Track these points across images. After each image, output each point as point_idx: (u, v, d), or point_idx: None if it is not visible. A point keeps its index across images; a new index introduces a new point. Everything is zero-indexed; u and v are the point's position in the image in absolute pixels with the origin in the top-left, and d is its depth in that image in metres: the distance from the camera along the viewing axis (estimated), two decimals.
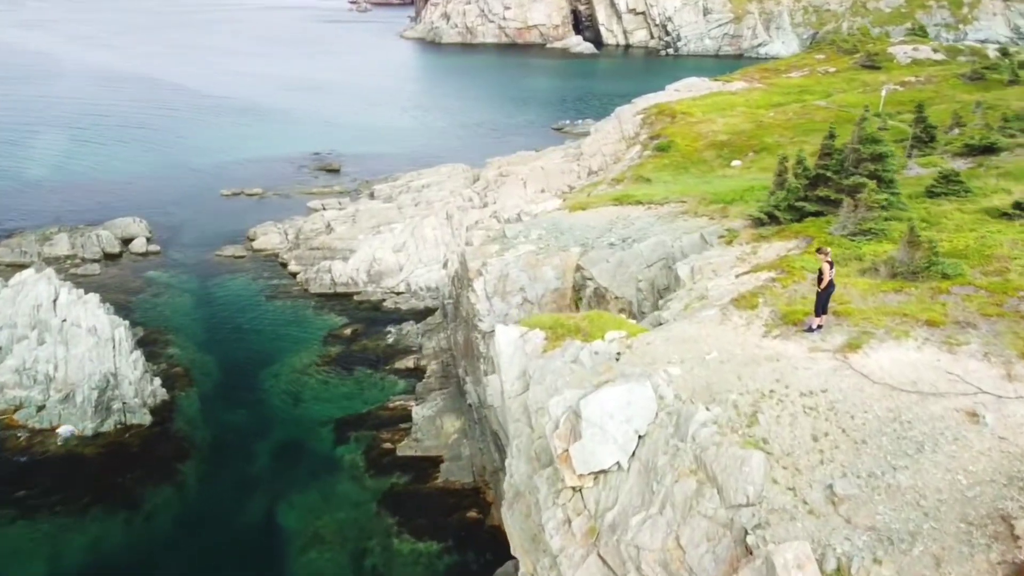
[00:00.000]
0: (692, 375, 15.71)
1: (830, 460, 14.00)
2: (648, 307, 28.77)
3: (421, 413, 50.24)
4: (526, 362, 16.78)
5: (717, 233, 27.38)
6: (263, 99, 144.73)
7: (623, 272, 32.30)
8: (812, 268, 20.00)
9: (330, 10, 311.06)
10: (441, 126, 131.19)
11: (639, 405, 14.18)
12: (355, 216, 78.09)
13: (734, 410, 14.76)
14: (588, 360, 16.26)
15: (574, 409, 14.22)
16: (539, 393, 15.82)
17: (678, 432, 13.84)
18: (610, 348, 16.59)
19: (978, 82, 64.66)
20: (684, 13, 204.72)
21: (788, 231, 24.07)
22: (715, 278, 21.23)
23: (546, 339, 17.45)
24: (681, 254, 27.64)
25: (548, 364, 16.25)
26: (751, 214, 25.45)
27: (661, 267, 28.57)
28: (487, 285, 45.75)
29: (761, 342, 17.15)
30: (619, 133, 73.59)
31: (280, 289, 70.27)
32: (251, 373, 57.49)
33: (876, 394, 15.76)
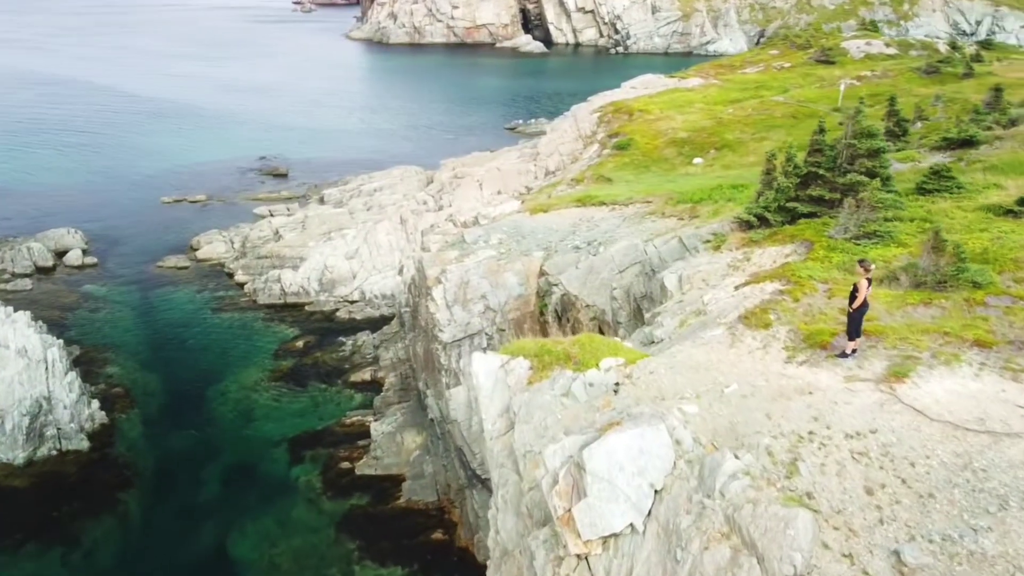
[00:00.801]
0: (711, 413, 13.63)
1: (891, 519, 11.87)
2: (624, 316, 27.02)
3: (380, 429, 47.80)
4: (509, 396, 14.69)
5: (698, 237, 25.75)
6: (205, 102, 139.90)
7: (594, 279, 30.49)
8: (820, 277, 18.37)
9: (273, 10, 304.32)
10: (391, 128, 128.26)
11: (653, 453, 12.08)
12: (304, 222, 75.06)
13: (768, 457, 12.57)
14: (582, 393, 14.24)
15: (576, 460, 12.08)
16: (527, 434, 13.74)
17: (703, 486, 11.80)
18: (607, 378, 14.59)
19: (933, 75, 64.78)
20: (633, 11, 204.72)
21: (781, 235, 22.44)
22: (708, 289, 19.46)
23: (531, 369, 15.33)
24: (659, 260, 25.96)
25: (535, 399, 14.18)
26: (739, 216, 23.84)
27: (636, 273, 26.85)
28: (447, 293, 43.59)
29: (786, 370, 15.12)
30: (576, 132, 71.99)
31: (227, 301, 66.96)
32: (197, 391, 54.34)
33: (937, 435, 13.57)
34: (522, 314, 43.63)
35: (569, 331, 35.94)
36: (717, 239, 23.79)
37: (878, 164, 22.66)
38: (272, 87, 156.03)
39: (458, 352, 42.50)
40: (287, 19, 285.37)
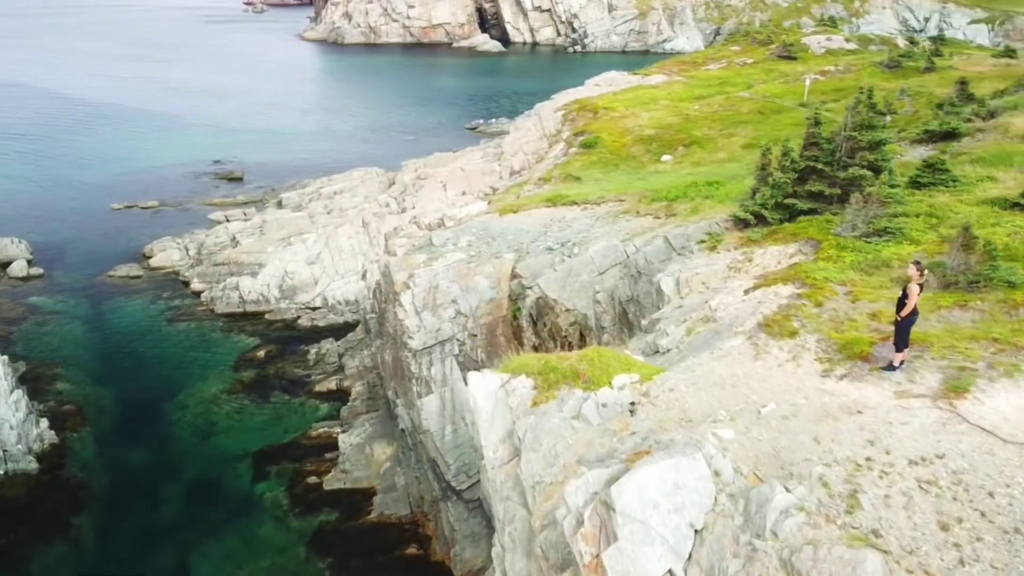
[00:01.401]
0: (750, 438, 12.22)
1: (974, 559, 10.38)
2: (608, 321, 25.84)
3: (348, 441, 46.06)
4: (512, 420, 13.30)
5: (685, 236, 24.65)
6: (154, 105, 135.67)
7: (573, 281, 29.27)
8: (837, 279, 17.30)
9: (223, 10, 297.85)
10: (349, 129, 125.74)
11: (691, 487, 10.73)
12: (263, 227, 72.66)
13: (824, 489, 11.13)
14: (594, 415, 12.91)
15: (604, 498, 10.72)
16: (535, 463, 12.35)
17: (751, 524, 10.48)
18: (621, 398, 13.28)
19: (895, 70, 65.04)
20: (589, 10, 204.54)
21: (782, 233, 21.40)
22: (711, 293, 18.29)
23: (535, 388, 13.93)
24: (644, 261, 24.81)
25: (542, 423, 12.82)
26: (736, 214, 22.75)
27: (619, 275, 25.64)
28: (415, 298, 42.00)
29: (825, 385, 13.80)
30: (540, 131, 70.82)
31: (183, 310, 64.40)
32: (154, 406, 51.99)
33: (1015, 459, 12.03)
34: (494, 319, 42.27)
35: (546, 336, 34.69)
36: (712, 239, 22.72)
37: (880, 157, 21.79)
38: (224, 89, 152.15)
39: (429, 360, 41.00)
40: (238, 19, 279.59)
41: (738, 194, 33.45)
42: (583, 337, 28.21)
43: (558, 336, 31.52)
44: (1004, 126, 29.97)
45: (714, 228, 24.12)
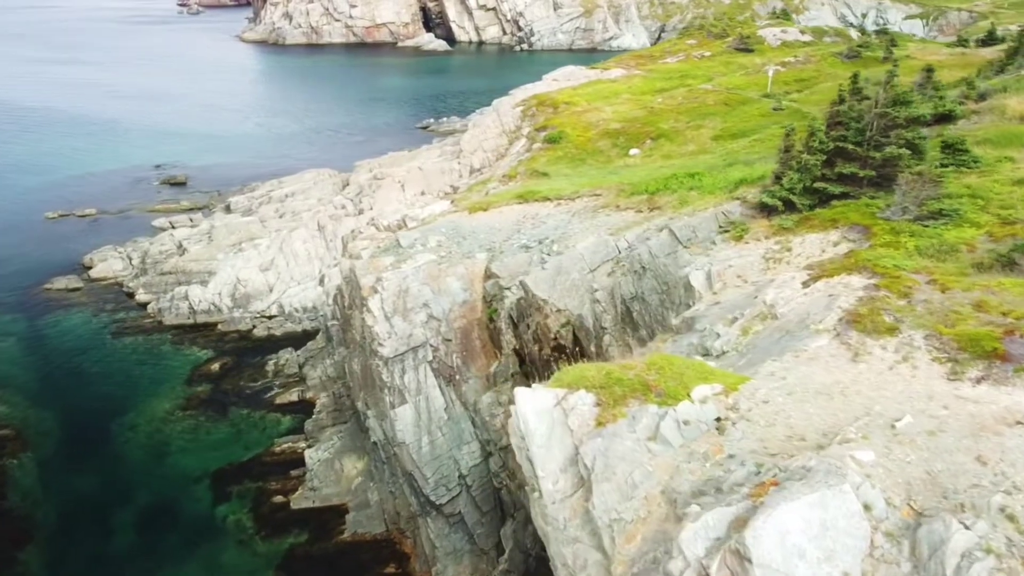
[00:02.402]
0: (895, 460, 10.26)
1: None
2: (609, 321, 24.11)
3: (316, 456, 43.51)
4: (574, 444, 11.38)
5: (690, 228, 23.04)
6: (88, 110, 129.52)
7: (564, 280, 27.47)
8: (909, 266, 15.81)
9: (157, 12, 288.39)
10: (294, 131, 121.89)
11: (841, 528, 8.78)
12: (211, 233, 69.22)
13: (1009, 523, 9.24)
14: (675, 435, 11.08)
15: (734, 547, 8.84)
16: (609, 496, 10.46)
17: (924, 571, 8.61)
18: (704, 413, 11.47)
19: (855, 60, 65.16)
20: (535, 8, 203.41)
21: (816, 220, 19.92)
22: (754, 287, 16.65)
23: (598, 405, 12.01)
24: (650, 256, 23.12)
25: (613, 446, 10.94)
26: (763, 200, 21.18)
27: (623, 272, 23.87)
28: (384, 303, 39.75)
29: (960, 391, 11.95)
30: (499, 127, 68.96)
31: (128, 323, 60.71)
32: (101, 427, 48.66)
33: None
34: (468, 322, 40.27)
35: (530, 338, 32.84)
36: (737, 228, 21.14)
37: (916, 135, 20.49)
38: (161, 92, 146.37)
39: (401, 367, 38.77)
40: (172, 21, 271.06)
41: (725, 184, 32.16)
42: (576, 338, 26.49)
43: (546, 338, 29.70)
44: (1000, 108, 29.32)
45: (723, 217, 22.55)
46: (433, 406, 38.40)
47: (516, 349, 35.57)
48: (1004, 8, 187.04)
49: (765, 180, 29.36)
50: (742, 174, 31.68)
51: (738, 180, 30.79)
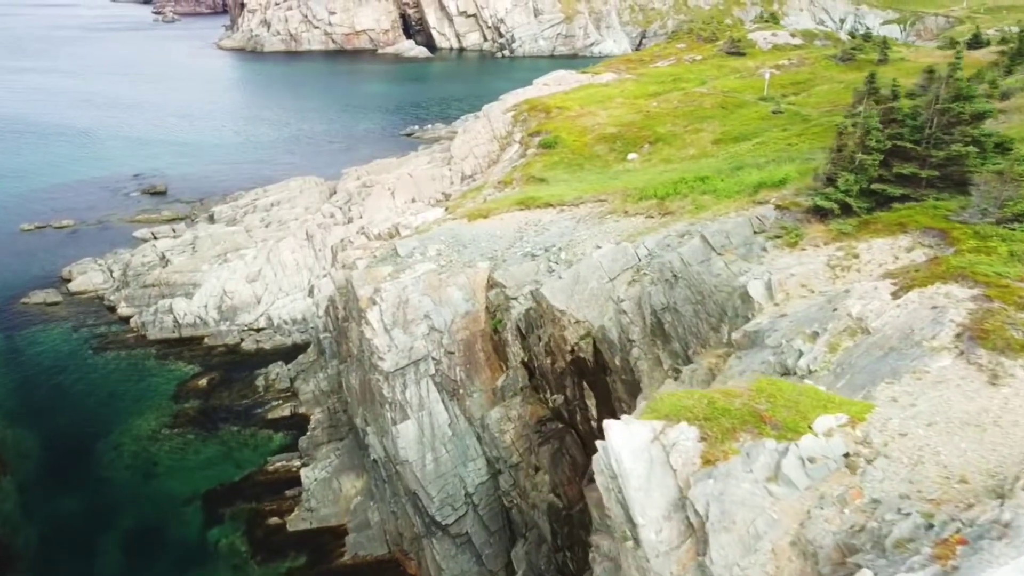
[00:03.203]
0: None
1: None
2: (638, 333, 22.78)
3: (312, 475, 41.79)
4: (678, 486, 10.04)
5: (724, 233, 21.75)
6: (65, 119, 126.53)
7: (582, 290, 26.15)
8: (1014, 274, 14.61)
9: (132, 20, 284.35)
10: (276, 139, 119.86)
11: None
12: (195, 243, 67.21)
13: None
14: (799, 475, 9.75)
15: None
16: (730, 550, 9.11)
17: None
18: (831, 447, 10.12)
19: (849, 62, 64.72)
20: (515, 14, 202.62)
21: (879, 224, 18.75)
22: (824, 297, 15.37)
23: (703, 439, 10.59)
24: (681, 263, 21.77)
25: (728, 489, 9.60)
26: (818, 203, 19.93)
27: (655, 281, 22.43)
28: (384, 315, 38.21)
29: None
30: (490, 133, 67.65)
31: (110, 338, 58.60)
32: (84, 447, 46.65)
33: None
34: (472, 333, 38.83)
35: (541, 351, 31.47)
36: (790, 234, 19.89)
37: (981, 132, 19.44)
38: (138, 100, 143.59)
39: (402, 382, 37.25)
40: (149, 29, 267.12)
41: (742, 188, 31.02)
42: (598, 351, 25.14)
43: (560, 350, 28.34)
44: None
45: (758, 223, 21.27)
46: (436, 422, 36.91)
47: (525, 361, 34.17)
48: (980, 13, 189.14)
49: (787, 183, 28.28)
50: (759, 177, 30.58)
51: (756, 183, 29.68)
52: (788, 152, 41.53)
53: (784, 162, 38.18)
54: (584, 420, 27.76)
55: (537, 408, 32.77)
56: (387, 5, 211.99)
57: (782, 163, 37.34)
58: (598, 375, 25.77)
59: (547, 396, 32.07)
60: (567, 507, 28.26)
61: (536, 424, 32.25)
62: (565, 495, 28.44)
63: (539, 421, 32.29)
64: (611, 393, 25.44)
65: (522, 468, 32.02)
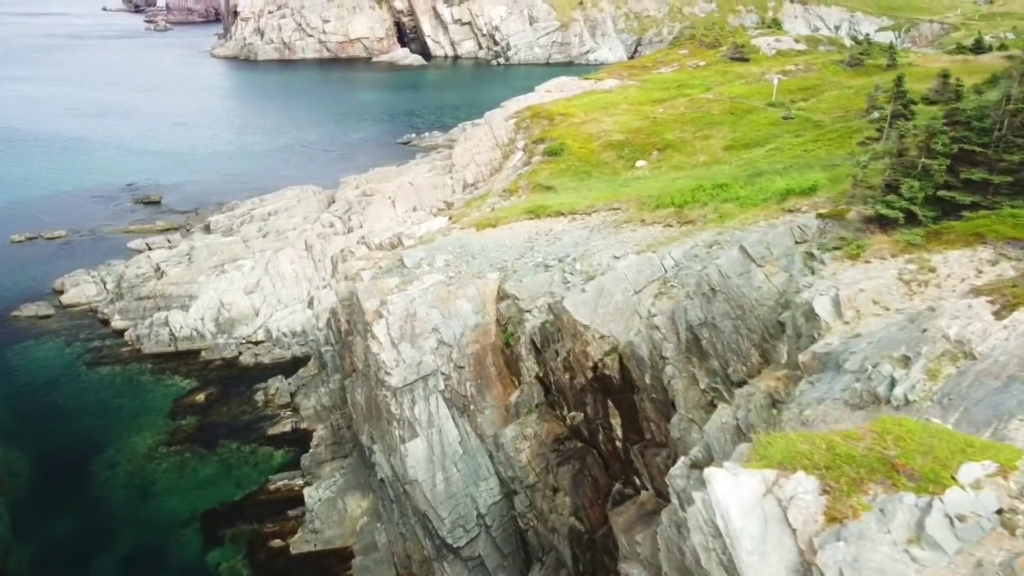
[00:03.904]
0: None
1: None
2: (672, 351, 21.45)
3: (316, 495, 40.29)
4: (799, 549, 8.72)
5: (765, 244, 20.49)
6: (57, 128, 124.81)
7: (606, 303, 24.85)
8: None
9: (124, 28, 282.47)
10: (271, 147, 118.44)
11: None
12: (191, 254, 65.71)
13: None
14: (946, 535, 8.41)
15: None
16: None
17: None
18: (983, 502, 8.79)
19: (857, 68, 63.85)
20: (511, 22, 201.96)
21: (951, 234, 17.50)
22: (911, 316, 14.10)
23: (825, 492, 9.19)
24: (719, 276, 20.46)
25: (862, 553, 8.20)
26: (880, 212, 18.66)
27: (692, 294, 21.07)
28: (391, 328, 36.84)
29: None
30: (492, 140, 66.44)
31: (104, 352, 57.01)
32: (78, 466, 45.11)
33: None
34: (482, 347, 37.49)
35: (558, 366, 30.12)
36: (851, 245, 18.60)
37: None
38: (131, 109, 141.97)
39: (411, 398, 35.87)
40: (142, 38, 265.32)
41: (767, 195, 29.84)
42: (624, 368, 23.83)
43: (581, 366, 27.02)
44: None
45: (799, 232, 19.95)
46: (447, 439, 35.52)
47: (539, 376, 32.83)
48: (974, 20, 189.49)
49: (817, 190, 27.09)
50: (784, 184, 29.39)
51: (782, 191, 28.50)
52: (805, 158, 40.41)
53: (804, 168, 37.06)
54: (607, 440, 26.43)
55: (554, 425, 31.40)
56: (381, 13, 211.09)
57: (803, 169, 36.23)
58: (624, 393, 24.47)
59: (565, 413, 30.72)
60: (590, 531, 26.90)
61: (553, 443, 30.89)
62: (588, 518, 27.09)
63: (556, 439, 30.93)
64: (638, 412, 24.14)
65: (539, 489, 30.64)
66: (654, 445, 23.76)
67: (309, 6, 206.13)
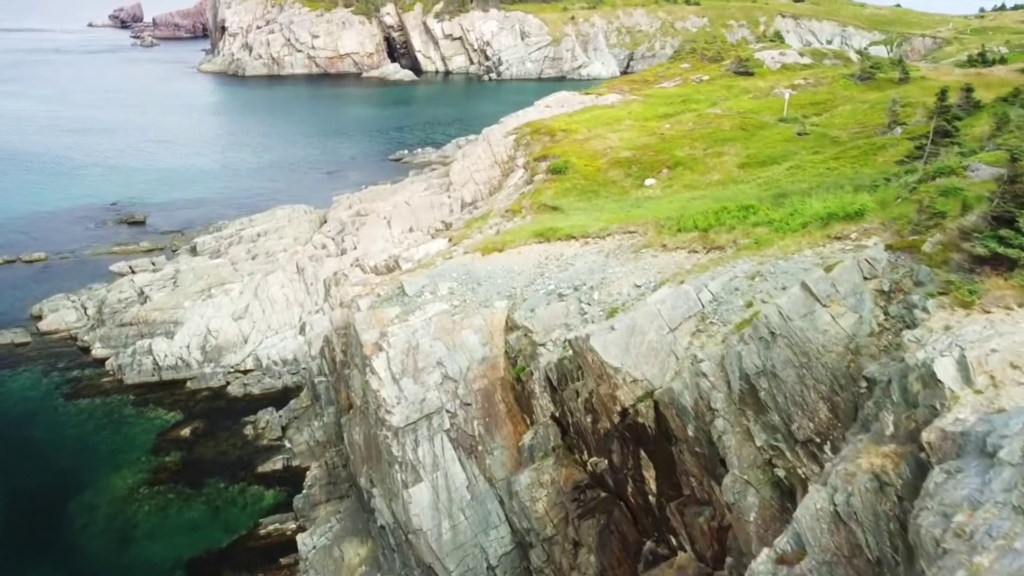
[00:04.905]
0: None
1: None
2: (721, 401, 18.76)
3: (310, 541, 37.32)
4: None
5: (831, 281, 17.88)
6: (36, 146, 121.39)
7: (639, 343, 22.26)
8: None
9: (110, 44, 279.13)
10: (261, 165, 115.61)
11: None
12: (176, 278, 62.77)
13: None
14: None
15: None
16: None
17: None
18: None
19: (869, 82, 61.90)
20: (502, 37, 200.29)
21: None
22: None
23: None
24: (779, 318, 17.82)
25: None
26: (993, 248, 16.05)
27: (747, 339, 18.29)
28: (392, 363, 34.20)
29: None
30: (491, 157, 64.00)
31: (84, 383, 53.93)
32: (54, 508, 42.06)
33: None
34: (490, 382, 34.80)
35: (579, 408, 27.45)
36: (960, 290, 16.08)
37: None
38: (117, 126, 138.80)
39: (414, 438, 33.14)
40: (127, 53, 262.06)
41: (805, 219, 27.33)
42: (660, 416, 21.19)
43: (606, 409, 24.37)
44: None
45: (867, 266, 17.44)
46: (453, 484, 32.76)
47: (556, 417, 30.16)
48: (966, 34, 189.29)
49: (866, 216, 24.64)
50: (824, 207, 26.91)
51: (823, 215, 26.02)
52: (831, 177, 38.08)
53: (833, 189, 34.68)
54: (638, 492, 23.77)
55: (573, 471, 28.71)
56: (371, 28, 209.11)
57: (832, 190, 33.86)
58: (660, 443, 21.85)
59: (585, 458, 28.04)
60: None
61: (573, 491, 28.18)
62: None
63: (576, 487, 28.22)
64: (676, 465, 21.51)
65: (558, 542, 27.90)
66: (695, 503, 21.14)
67: (298, 21, 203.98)
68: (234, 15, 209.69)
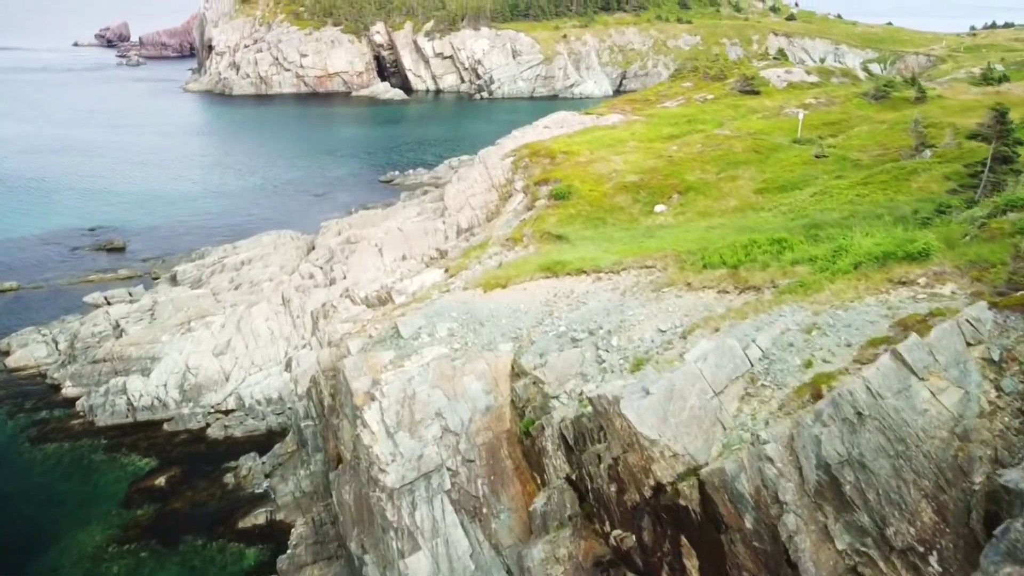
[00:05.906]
0: None
1: None
2: (792, 493, 15.21)
3: None
4: None
5: (928, 347, 14.70)
6: (14, 167, 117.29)
7: (679, 409, 18.97)
8: None
9: (95, 63, 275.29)
10: (247, 187, 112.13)
11: None
12: (154, 310, 59.15)
13: None
14: None
15: None
16: None
17: None
18: None
19: (883, 101, 59.29)
20: (493, 56, 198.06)
21: None
22: None
23: None
24: (868, 395, 14.58)
25: None
26: None
27: (827, 419, 14.93)
28: (385, 414, 30.82)
29: None
30: (488, 181, 60.89)
31: (52, 425, 50.16)
32: (15, 567, 38.17)
33: None
34: (495, 435, 31.41)
35: (603, 474, 24.04)
36: None
37: None
38: (99, 147, 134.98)
39: (411, 500, 29.70)
40: (112, 71, 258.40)
41: (856, 258, 24.08)
42: (709, 501, 17.81)
43: (636, 480, 21.00)
44: None
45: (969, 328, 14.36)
46: (455, 552, 29.27)
47: (572, 480, 26.74)
48: (959, 52, 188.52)
49: (934, 258, 21.47)
50: (877, 244, 23.71)
51: (879, 254, 22.82)
52: (863, 206, 35.01)
53: (869, 219, 31.64)
54: None
55: (593, 544, 25.25)
56: (361, 47, 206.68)
57: (869, 220, 30.80)
58: (706, 530, 18.50)
59: (607, 529, 24.58)
60: None
61: (594, 567, 24.70)
62: None
63: (598, 562, 24.75)
64: (727, 557, 18.13)
65: None
66: None
67: (286, 40, 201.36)
68: (221, 34, 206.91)
